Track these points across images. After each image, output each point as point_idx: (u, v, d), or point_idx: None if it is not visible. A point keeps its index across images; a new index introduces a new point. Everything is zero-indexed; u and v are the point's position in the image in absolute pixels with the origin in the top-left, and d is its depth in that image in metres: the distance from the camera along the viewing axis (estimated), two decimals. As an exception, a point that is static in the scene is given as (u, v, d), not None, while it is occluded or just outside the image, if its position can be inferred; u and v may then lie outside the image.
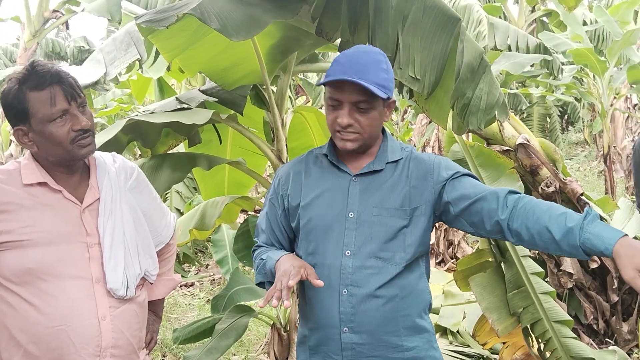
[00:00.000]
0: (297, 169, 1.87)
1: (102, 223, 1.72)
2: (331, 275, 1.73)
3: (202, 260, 7.29)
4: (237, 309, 3.03)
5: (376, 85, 1.65)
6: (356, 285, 1.71)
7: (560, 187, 3.74)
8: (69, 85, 1.65)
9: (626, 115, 10.46)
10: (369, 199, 1.74)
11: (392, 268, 1.72)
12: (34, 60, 1.68)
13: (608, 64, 7.66)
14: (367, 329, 1.72)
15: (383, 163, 1.77)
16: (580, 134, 15.89)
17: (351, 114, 1.68)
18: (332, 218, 1.75)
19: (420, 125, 9.78)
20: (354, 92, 1.65)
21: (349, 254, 1.72)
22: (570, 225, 1.49)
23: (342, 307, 1.71)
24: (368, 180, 1.77)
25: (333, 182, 1.79)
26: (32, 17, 7.77)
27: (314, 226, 1.78)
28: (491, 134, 3.79)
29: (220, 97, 3.03)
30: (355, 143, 1.72)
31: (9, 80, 1.65)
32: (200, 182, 3.91)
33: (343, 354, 1.74)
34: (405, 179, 1.76)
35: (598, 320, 3.97)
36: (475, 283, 3.26)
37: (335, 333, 1.74)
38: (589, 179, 11.41)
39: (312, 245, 1.78)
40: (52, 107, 1.62)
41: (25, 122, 1.64)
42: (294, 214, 1.83)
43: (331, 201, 1.77)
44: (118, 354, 1.72)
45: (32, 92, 1.62)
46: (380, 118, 1.73)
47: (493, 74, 2.38)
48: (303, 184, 1.83)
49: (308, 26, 2.60)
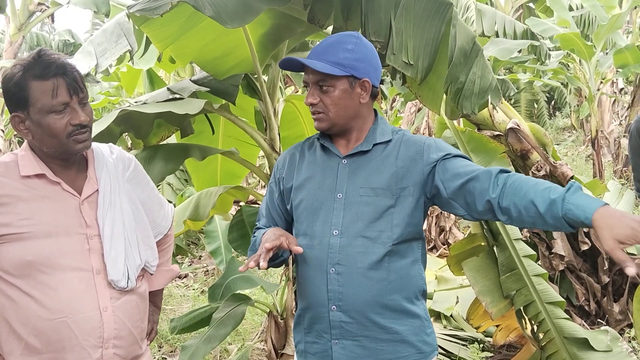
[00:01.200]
0: (292, 153, 1.93)
1: (101, 215, 1.72)
2: (320, 255, 1.76)
3: (195, 252, 7.29)
4: (234, 298, 3.04)
5: (331, 63, 1.70)
6: (343, 264, 1.73)
7: (550, 170, 3.78)
8: (73, 79, 1.64)
9: (613, 100, 10.54)
10: (356, 180, 1.77)
11: (378, 247, 1.74)
12: (41, 49, 1.66)
13: (594, 48, 7.71)
14: (354, 308, 1.74)
15: (370, 144, 1.80)
16: (568, 119, 15.99)
17: (315, 93, 1.75)
18: (322, 199, 1.79)
19: (409, 114, 9.80)
20: (312, 72, 1.73)
21: (337, 234, 1.75)
22: (554, 197, 1.50)
23: (330, 286, 1.74)
24: (357, 161, 1.80)
25: (323, 164, 1.83)
26: (17, 10, 7.68)
27: (305, 207, 1.81)
28: (482, 119, 3.81)
29: (212, 86, 3.02)
30: (323, 123, 1.77)
31: (14, 66, 1.64)
32: (193, 173, 3.90)
33: (332, 332, 1.77)
34: (394, 160, 1.78)
35: (589, 302, 4.03)
36: (469, 267, 3.30)
37: (324, 311, 1.77)
38: (577, 163, 11.50)
39: (304, 225, 1.81)
40: (54, 99, 1.61)
41: (24, 109, 1.63)
42: (288, 196, 1.88)
43: (321, 183, 1.80)
44: (120, 345, 1.72)
45: (35, 80, 1.61)
46: (347, 97, 1.75)
47: (485, 58, 2.39)
48: (296, 167, 1.87)
49: (300, 13, 2.60)
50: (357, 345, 1.76)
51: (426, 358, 1.82)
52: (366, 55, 1.77)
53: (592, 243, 3.85)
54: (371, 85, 1.78)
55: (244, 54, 2.83)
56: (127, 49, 2.81)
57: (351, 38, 1.76)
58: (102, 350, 1.68)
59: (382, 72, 1.92)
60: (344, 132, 1.81)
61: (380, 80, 1.85)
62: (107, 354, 1.69)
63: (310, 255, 1.78)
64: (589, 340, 2.98)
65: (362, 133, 1.82)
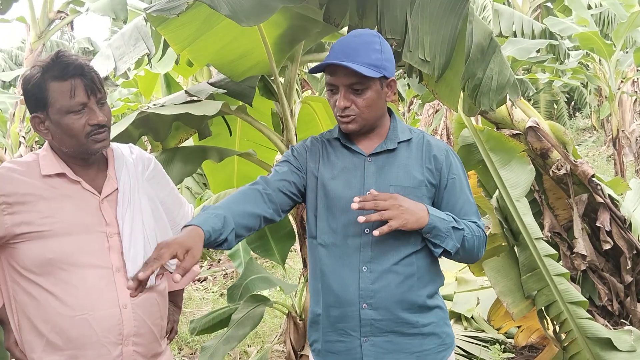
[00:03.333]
0: (313, 145, 1.89)
1: (120, 213, 1.74)
2: (351, 253, 1.76)
3: (214, 255, 7.32)
4: (252, 299, 3.05)
5: (367, 65, 1.69)
6: (375, 262, 1.75)
7: (571, 169, 3.72)
8: (91, 80, 1.66)
9: (634, 99, 10.38)
10: (386, 178, 1.78)
11: (409, 247, 1.76)
12: (59, 50, 1.69)
13: (614, 47, 7.61)
14: (385, 305, 1.75)
15: (395, 142, 1.81)
16: (588, 119, 15.81)
17: (347, 96, 1.72)
18: (351, 197, 1.76)
19: (427, 116, 9.77)
20: (346, 75, 1.70)
21: (368, 232, 1.75)
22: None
23: (362, 284, 1.75)
24: (382, 159, 1.80)
25: (348, 163, 1.82)
26: (37, 18, 7.80)
27: (334, 205, 1.80)
28: (500, 118, 3.78)
29: (229, 88, 3.04)
30: (355, 124, 1.76)
31: (33, 67, 1.67)
32: (210, 176, 3.92)
33: (362, 330, 1.77)
34: (420, 160, 1.80)
35: (612, 302, 3.96)
36: (489, 267, 3.27)
37: (354, 310, 1.77)
38: (598, 163, 11.36)
39: (329, 223, 1.80)
40: (72, 99, 1.63)
41: (43, 110, 1.65)
42: (312, 182, 1.83)
43: (348, 181, 1.80)
44: (140, 342, 1.73)
45: (54, 81, 1.63)
46: (378, 97, 1.75)
47: (503, 55, 2.37)
48: (320, 162, 1.85)
49: (315, 14, 2.60)
50: (386, 341, 1.77)
51: (448, 349, 1.86)
52: (390, 54, 1.79)
53: (614, 242, 3.79)
54: (396, 84, 1.80)
55: (260, 55, 2.84)
56: (145, 52, 2.83)
57: (375, 37, 1.76)
58: (121, 348, 1.69)
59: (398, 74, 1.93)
60: (369, 131, 1.81)
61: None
62: (127, 351, 1.70)
63: (339, 253, 1.78)
64: (612, 340, 2.93)
65: (383, 131, 1.83)
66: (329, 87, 1.76)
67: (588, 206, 3.82)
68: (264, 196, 1.74)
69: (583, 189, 3.80)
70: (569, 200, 3.86)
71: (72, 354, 1.66)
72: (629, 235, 3.75)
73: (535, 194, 3.99)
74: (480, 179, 3.55)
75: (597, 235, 3.85)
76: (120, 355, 1.69)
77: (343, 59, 1.69)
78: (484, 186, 3.56)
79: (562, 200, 3.97)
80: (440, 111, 7.73)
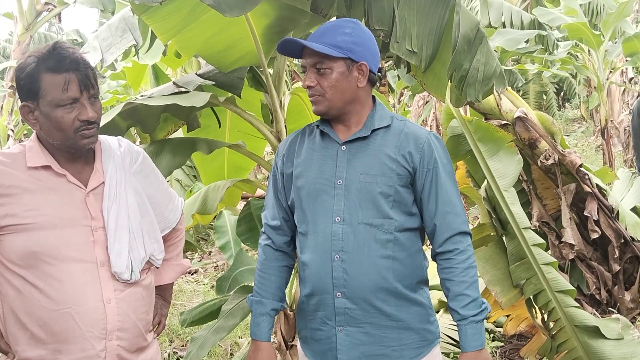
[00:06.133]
0: (293, 139, 1.94)
1: (106, 207, 1.73)
2: (323, 242, 1.77)
3: (204, 248, 7.32)
4: (242, 290, 3.05)
5: (329, 45, 1.71)
6: (347, 250, 1.75)
7: (559, 159, 3.75)
8: (85, 75, 1.65)
9: (622, 89, 10.45)
10: (356, 166, 1.78)
11: (382, 235, 1.76)
12: (57, 41, 1.68)
13: (603, 37, 7.65)
14: (359, 295, 1.75)
15: (369, 130, 1.80)
16: (577, 110, 15.89)
17: (311, 76, 1.76)
18: (322, 185, 1.79)
19: (417, 107, 9.77)
20: (310, 55, 1.75)
21: (339, 220, 1.76)
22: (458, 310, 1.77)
23: (334, 272, 1.75)
24: (355, 147, 1.80)
25: (323, 150, 1.83)
26: (24, 10, 7.73)
27: (306, 194, 1.82)
28: (489, 108, 3.79)
29: (217, 80, 3.02)
30: (320, 105, 1.78)
31: (29, 56, 1.66)
32: (200, 167, 3.92)
33: (337, 318, 1.78)
34: (394, 148, 1.79)
35: (600, 290, 4.00)
36: (478, 257, 3.28)
37: (329, 298, 1.78)
38: (587, 153, 11.44)
39: (304, 212, 1.82)
40: (64, 93, 1.62)
41: (34, 100, 1.65)
42: (289, 182, 1.88)
43: (321, 169, 1.81)
44: (124, 337, 1.72)
45: (48, 73, 1.62)
46: (344, 79, 1.75)
47: (490, 46, 2.38)
48: (296, 154, 1.88)
49: (303, 4, 2.59)
50: (362, 332, 1.77)
51: (429, 345, 1.85)
52: (364, 39, 1.78)
53: (602, 231, 3.82)
54: (368, 70, 1.78)
55: (248, 46, 2.83)
56: (132, 43, 2.82)
57: (349, 23, 1.78)
58: (105, 342, 1.68)
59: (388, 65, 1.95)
60: (342, 117, 1.81)
61: (384, 73, 1.86)
62: (111, 346, 1.69)
63: (313, 242, 1.79)
64: (600, 329, 2.96)
65: (361, 119, 1.82)
66: (302, 69, 1.81)
67: (576, 196, 3.84)
68: (279, 249, 1.94)
69: (571, 178, 3.83)
70: (557, 190, 3.88)
71: (56, 348, 1.66)
72: (617, 224, 3.79)
73: (523, 184, 4.01)
74: (469, 169, 3.57)
75: (585, 225, 3.88)
76: (104, 350, 1.68)
77: (309, 39, 1.74)
78: (472, 176, 3.58)
79: (550, 190, 3.99)
80: (430, 102, 7.74)
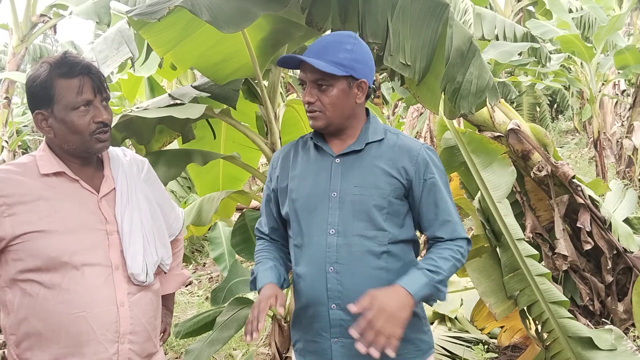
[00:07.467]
0: (286, 152, 1.94)
1: (119, 211, 1.75)
2: (318, 254, 1.78)
3: (198, 259, 7.30)
4: (237, 301, 3.05)
5: (332, 63, 1.71)
6: (341, 262, 1.76)
7: (552, 170, 3.78)
8: (98, 79, 1.70)
9: (615, 101, 10.52)
10: (351, 178, 1.79)
11: (376, 247, 1.77)
12: (66, 51, 1.72)
13: (595, 50, 7.72)
14: None
15: (363, 143, 1.82)
16: (570, 122, 15.98)
17: (312, 92, 1.76)
18: (317, 198, 1.80)
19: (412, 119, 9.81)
20: (311, 71, 1.74)
21: (333, 232, 1.76)
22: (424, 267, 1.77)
23: (329, 284, 1.76)
24: (349, 160, 1.81)
25: (317, 163, 1.84)
26: (19, 22, 7.74)
27: (300, 206, 1.82)
28: (482, 120, 3.82)
29: (212, 92, 3.04)
30: (320, 121, 1.78)
31: (41, 64, 1.68)
32: (195, 179, 3.92)
33: (332, 330, 1.78)
34: (387, 161, 1.80)
35: (594, 301, 4.01)
36: (472, 268, 3.30)
37: (324, 310, 1.78)
38: (580, 165, 11.49)
39: (300, 225, 1.83)
40: (78, 96, 1.65)
41: (48, 107, 1.67)
42: (283, 195, 1.89)
43: (315, 182, 1.82)
44: (135, 340, 1.74)
45: (62, 78, 1.65)
46: (345, 97, 1.76)
47: (483, 59, 2.41)
48: (290, 166, 1.89)
49: (298, 17, 2.62)
50: None
51: (424, 355, 1.86)
52: (364, 56, 1.80)
53: (595, 243, 3.84)
54: (367, 86, 1.80)
55: (244, 59, 2.85)
56: (129, 55, 2.84)
57: (349, 38, 1.78)
58: (118, 345, 1.70)
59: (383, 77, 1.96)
60: (338, 131, 1.83)
61: (379, 85, 1.88)
62: (123, 349, 1.71)
63: (307, 254, 1.80)
64: (594, 339, 2.97)
65: (355, 132, 1.84)
66: (300, 82, 1.81)
67: (569, 207, 3.87)
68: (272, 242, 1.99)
69: (564, 190, 3.86)
70: (550, 201, 3.91)
71: (69, 352, 1.66)
72: (609, 235, 3.81)
73: (517, 196, 4.04)
74: (463, 180, 3.59)
75: (578, 236, 3.91)
76: (117, 353, 1.70)
77: (311, 55, 1.73)
78: (466, 188, 3.60)
79: (544, 202, 4.02)
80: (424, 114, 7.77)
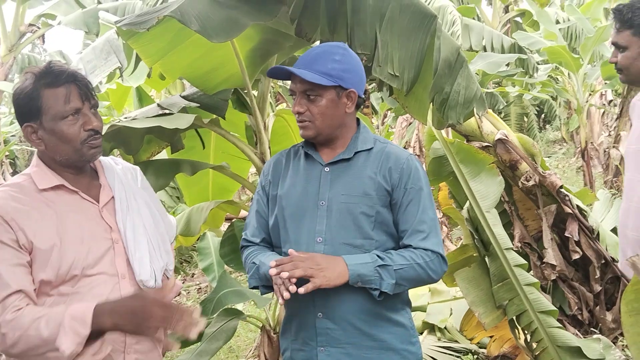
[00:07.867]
0: (278, 160, 1.96)
1: (121, 219, 1.74)
2: None
3: (187, 270, 7.26)
4: (225, 312, 3.03)
5: (320, 73, 1.73)
6: None
7: (539, 180, 3.80)
8: (85, 86, 1.67)
9: (602, 111, 10.63)
10: (338, 187, 1.80)
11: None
12: (51, 61, 1.70)
13: (582, 60, 7.80)
14: (340, 316, 1.76)
15: (352, 152, 1.83)
16: (558, 132, 16.09)
17: (301, 102, 1.78)
18: (306, 206, 1.81)
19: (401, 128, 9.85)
20: (300, 81, 1.77)
21: (320, 241, 1.77)
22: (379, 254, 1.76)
23: (315, 293, 1.74)
24: (338, 169, 1.83)
25: (307, 172, 1.86)
26: (7, 31, 7.71)
27: (289, 215, 1.84)
28: (470, 130, 3.84)
29: (201, 102, 3.04)
30: (309, 131, 1.80)
31: (25, 75, 1.66)
32: (184, 189, 3.91)
33: (318, 339, 1.79)
34: (375, 170, 1.81)
35: (582, 311, 4.02)
36: (461, 278, 3.30)
37: (311, 318, 1.79)
38: (568, 174, 11.57)
39: (287, 233, 1.84)
40: (66, 105, 1.63)
41: (37, 119, 1.64)
42: (273, 203, 1.89)
43: (304, 190, 1.83)
44: (141, 350, 1.73)
45: (48, 89, 1.63)
46: (334, 107, 1.78)
47: (470, 69, 2.42)
48: (282, 175, 1.90)
49: (287, 28, 2.62)
50: (343, 352, 1.77)
51: None
52: (353, 66, 1.81)
53: (583, 252, 3.86)
54: (357, 96, 1.81)
55: (233, 68, 2.85)
56: (117, 65, 2.83)
57: (338, 49, 1.80)
58: (124, 355, 1.68)
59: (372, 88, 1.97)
60: (328, 140, 1.84)
61: (368, 95, 1.90)
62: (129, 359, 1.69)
63: None
64: (582, 349, 2.97)
65: (345, 141, 1.85)
66: (290, 93, 1.82)
67: (557, 217, 3.89)
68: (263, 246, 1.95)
69: (552, 199, 3.87)
70: (538, 211, 3.92)
71: None
72: (597, 245, 3.83)
73: (505, 205, 4.05)
74: (451, 190, 3.60)
75: (566, 245, 3.92)
76: None
77: (300, 66, 1.75)
78: (454, 197, 3.61)
79: (532, 211, 4.04)
80: (413, 124, 7.80)
